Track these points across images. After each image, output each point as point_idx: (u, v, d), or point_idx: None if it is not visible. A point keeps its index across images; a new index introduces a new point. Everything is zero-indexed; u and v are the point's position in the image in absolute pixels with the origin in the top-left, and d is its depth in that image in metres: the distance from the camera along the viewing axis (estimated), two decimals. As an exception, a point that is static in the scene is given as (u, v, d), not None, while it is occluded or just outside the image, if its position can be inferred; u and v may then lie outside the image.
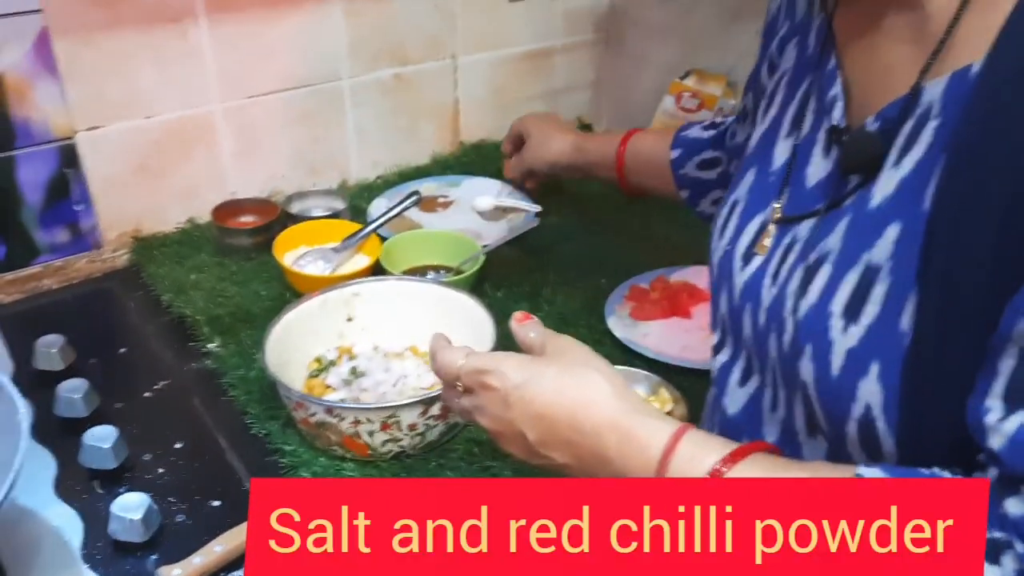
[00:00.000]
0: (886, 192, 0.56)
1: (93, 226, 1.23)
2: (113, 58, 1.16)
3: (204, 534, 0.79)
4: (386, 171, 1.48)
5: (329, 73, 1.35)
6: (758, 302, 0.66)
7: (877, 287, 0.55)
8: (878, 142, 0.58)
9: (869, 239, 0.56)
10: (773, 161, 0.70)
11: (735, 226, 0.71)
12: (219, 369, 1.02)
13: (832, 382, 0.56)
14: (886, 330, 0.53)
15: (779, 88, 0.74)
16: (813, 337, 0.58)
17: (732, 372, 0.71)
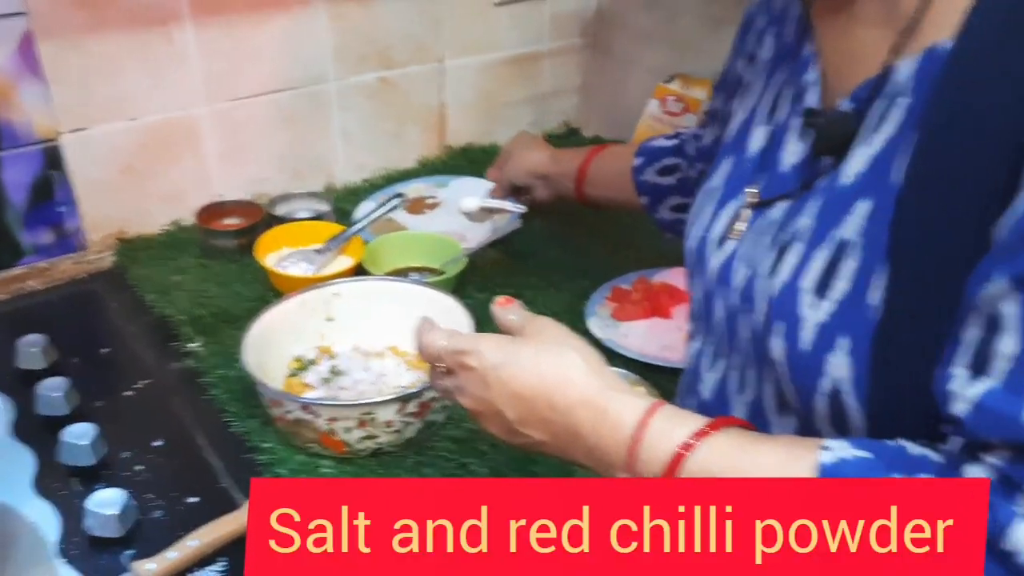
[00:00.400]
0: (857, 170, 0.58)
1: (77, 228, 1.24)
2: (98, 60, 1.17)
3: (180, 530, 0.80)
4: (372, 174, 1.48)
5: (315, 76, 1.35)
6: (730, 285, 0.67)
7: (847, 263, 0.56)
8: (851, 122, 0.59)
9: (839, 216, 0.57)
10: (748, 148, 0.71)
11: (710, 212, 0.72)
12: (200, 368, 1.03)
13: (802, 357, 0.57)
14: (855, 305, 0.54)
15: (757, 78, 0.75)
16: (784, 314, 0.59)
17: (703, 358, 0.72)
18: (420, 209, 1.35)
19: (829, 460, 0.52)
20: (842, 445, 0.53)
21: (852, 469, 0.52)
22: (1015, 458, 0.47)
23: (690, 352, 0.76)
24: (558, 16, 1.58)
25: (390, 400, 0.84)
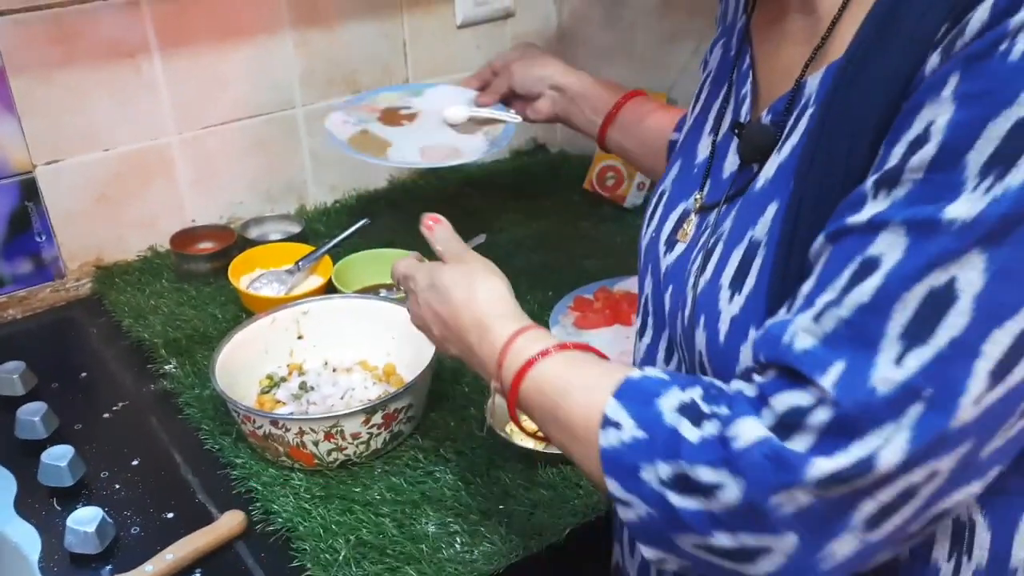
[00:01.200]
0: (768, 175, 0.63)
1: (55, 257, 1.27)
2: (69, 93, 1.21)
3: (157, 545, 0.83)
4: (344, 195, 1.52)
5: (283, 102, 1.39)
6: (680, 284, 0.71)
7: (756, 260, 0.61)
8: (770, 133, 0.64)
9: (753, 218, 0.62)
10: (697, 155, 0.76)
11: (660, 215, 0.78)
12: (175, 389, 1.06)
13: (720, 348, 0.62)
14: (760, 297, 0.60)
15: (705, 87, 0.80)
16: (707, 309, 0.64)
17: (658, 352, 0.76)
18: (397, 120, 1.22)
19: (635, 375, 0.61)
20: (655, 370, 0.62)
21: (645, 383, 0.60)
22: (775, 376, 0.53)
23: (639, 346, 0.80)
24: (520, 36, 1.62)
25: (355, 412, 0.88)
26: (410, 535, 0.84)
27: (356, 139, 1.15)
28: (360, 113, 1.16)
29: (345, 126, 1.16)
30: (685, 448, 0.54)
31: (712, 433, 0.54)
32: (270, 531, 0.86)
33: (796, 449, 0.50)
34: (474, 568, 0.81)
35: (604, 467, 0.58)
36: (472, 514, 0.86)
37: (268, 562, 0.83)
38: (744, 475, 0.51)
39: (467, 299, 0.74)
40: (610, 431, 0.58)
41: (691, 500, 0.54)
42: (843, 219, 0.52)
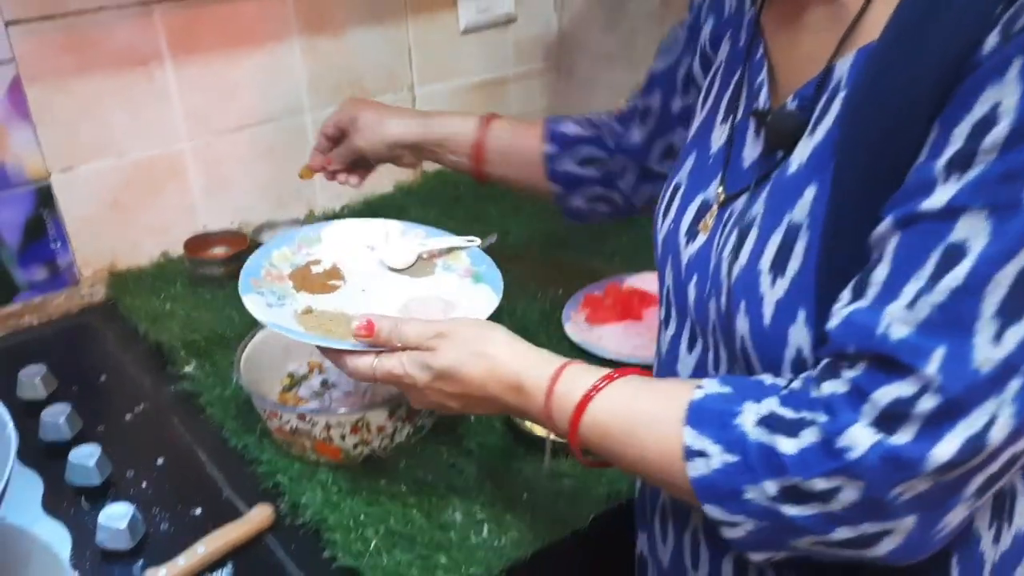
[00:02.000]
0: (802, 159, 0.64)
1: (70, 263, 1.28)
2: (83, 102, 1.22)
3: (187, 538, 0.84)
4: (351, 201, 1.54)
5: (291, 108, 1.41)
6: (705, 273, 0.72)
7: (798, 243, 0.61)
8: (795, 118, 0.65)
9: (791, 201, 0.63)
10: (711, 145, 0.77)
11: (678, 207, 0.78)
12: (196, 390, 1.07)
13: (765, 332, 0.63)
14: (808, 279, 0.61)
15: (715, 79, 0.81)
16: (746, 294, 0.65)
17: (681, 341, 0.77)
18: (322, 286, 0.91)
19: (697, 397, 0.62)
20: (712, 383, 0.63)
21: (712, 403, 0.61)
22: (868, 368, 0.54)
23: (664, 337, 0.80)
24: (522, 41, 1.65)
25: (381, 405, 0.89)
26: (438, 524, 0.85)
27: (308, 322, 0.84)
28: (271, 286, 0.88)
29: (274, 311, 0.85)
30: (790, 463, 0.55)
31: (812, 441, 0.55)
32: (299, 524, 0.87)
33: (908, 442, 0.52)
34: (503, 554, 0.82)
35: (700, 496, 0.60)
36: (497, 503, 0.88)
37: (299, 553, 0.85)
38: (863, 478, 0.53)
39: (488, 370, 0.72)
40: (697, 461, 0.59)
41: (807, 507, 0.56)
42: (912, 204, 0.53)
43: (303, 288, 0.90)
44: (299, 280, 0.91)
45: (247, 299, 0.85)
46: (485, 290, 0.90)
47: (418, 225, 1.01)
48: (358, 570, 0.81)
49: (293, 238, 0.97)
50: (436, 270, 0.95)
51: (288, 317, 0.84)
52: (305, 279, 0.91)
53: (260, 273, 0.90)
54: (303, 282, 0.91)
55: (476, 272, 0.93)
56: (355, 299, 0.89)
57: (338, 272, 0.94)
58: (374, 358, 0.77)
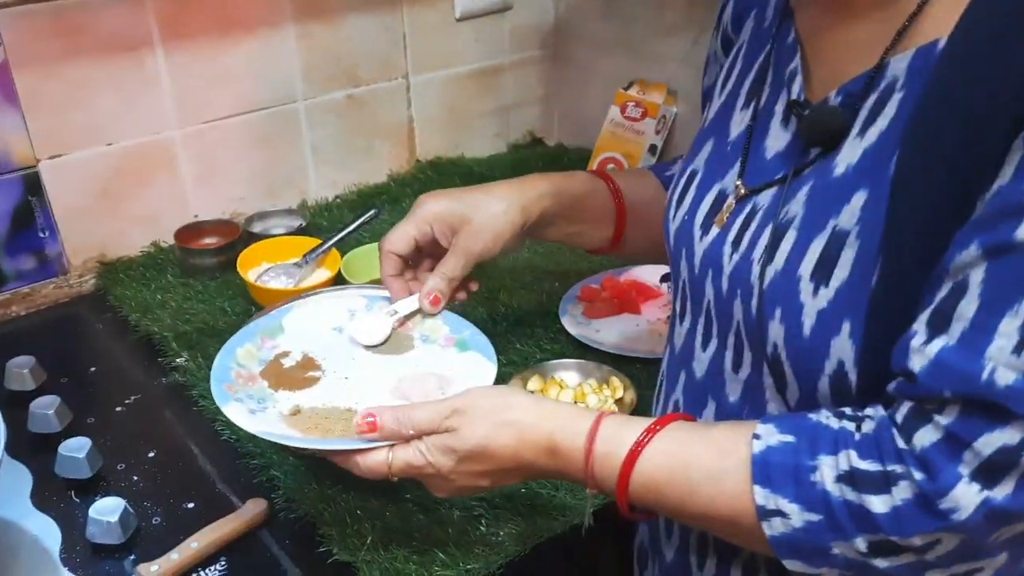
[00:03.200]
0: (850, 161, 0.60)
1: (59, 253, 1.26)
2: (73, 88, 1.20)
3: (180, 534, 0.83)
4: (344, 190, 1.52)
5: (284, 96, 1.39)
6: (719, 269, 0.69)
7: (846, 252, 0.58)
8: (840, 115, 0.61)
9: (836, 206, 0.59)
10: (730, 132, 0.73)
11: (693, 196, 0.74)
12: (188, 382, 1.06)
13: (804, 342, 0.60)
14: (857, 291, 0.57)
15: (736, 61, 0.77)
16: (782, 301, 0.61)
17: (696, 337, 0.74)
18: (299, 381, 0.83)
19: (758, 450, 0.58)
20: (769, 430, 0.59)
21: (778, 456, 0.58)
22: (963, 413, 0.51)
23: (678, 331, 0.77)
24: (518, 29, 1.63)
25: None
26: (436, 519, 0.84)
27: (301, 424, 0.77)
28: (246, 389, 0.81)
29: (259, 417, 0.77)
30: (883, 521, 0.53)
31: (906, 498, 0.53)
32: (293, 518, 0.86)
33: (1012, 494, 0.50)
34: (501, 549, 0.81)
35: (780, 553, 0.58)
36: (495, 497, 0.86)
37: (293, 548, 0.83)
38: (965, 533, 0.52)
39: (518, 438, 0.67)
40: (774, 521, 0.57)
41: (900, 558, 0.54)
42: (1002, 231, 0.50)
43: (280, 386, 0.82)
44: (273, 378, 0.83)
45: (227, 410, 0.76)
46: (475, 357, 0.83)
47: (379, 293, 0.91)
48: (354, 565, 0.80)
49: (253, 333, 0.87)
50: (415, 343, 0.87)
51: (276, 421, 0.76)
52: (279, 376, 0.83)
53: (231, 376, 0.81)
54: (278, 380, 0.83)
55: (459, 339, 0.86)
56: (340, 389, 0.82)
57: (312, 362, 0.85)
58: (388, 453, 0.69)
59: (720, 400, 0.71)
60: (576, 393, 1.00)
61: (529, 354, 1.09)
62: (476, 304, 1.18)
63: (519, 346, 1.10)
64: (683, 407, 0.76)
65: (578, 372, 1.04)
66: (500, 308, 1.18)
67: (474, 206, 0.87)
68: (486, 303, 1.19)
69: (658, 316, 1.18)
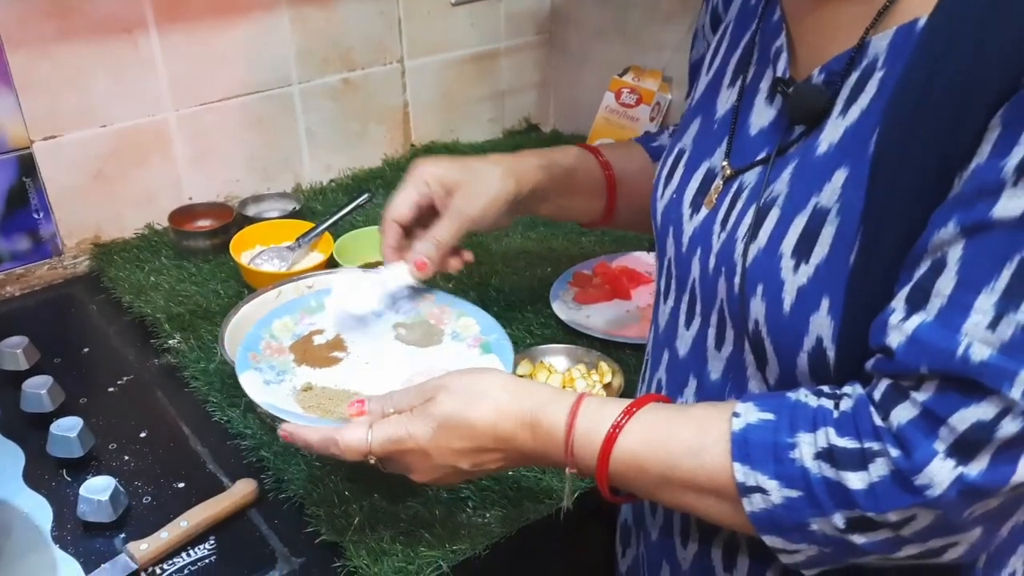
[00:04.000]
0: (832, 140, 0.60)
1: (53, 234, 1.27)
2: (67, 69, 1.20)
3: (170, 513, 0.84)
4: (339, 174, 1.53)
5: (279, 79, 1.39)
6: (708, 248, 0.70)
7: (826, 228, 0.58)
8: (823, 93, 0.61)
9: (817, 184, 0.60)
10: (717, 109, 0.74)
11: (681, 175, 0.75)
12: (180, 363, 1.06)
13: (784, 318, 0.60)
14: (835, 267, 0.58)
15: (724, 39, 0.77)
16: (764, 278, 0.62)
17: (680, 316, 0.75)
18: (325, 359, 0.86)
19: (738, 428, 0.59)
20: (748, 408, 0.60)
21: (758, 434, 0.58)
22: (939, 389, 0.52)
23: (662, 310, 0.78)
24: (514, 14, 1.63)
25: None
26: (423, 501, 0.85)
27: (307, 400, 0.79)
28: (270, 360, 0.83)
29: (271, 389, 0.79)
30: (861, 498, 0.54)
31: (883, 475, 0.53)
32: (282, 499, 0.87)
33: (987, 470, 0.51)
34: (487, 531, 0.82)
35: (759, 529, 0.58)
36: (482, 481, 0.87)
37: (282, 528, 0.84)
38: (940, 508, 0.52)
39: (496, 411, 0.67)
40: (754, 497, 0.58)
41: (876, 534, 0.55)
42: (979, 209, 0.51)
43: (304, 361, 0.84)
44: (300, 352, 0.85)
45: (243, 377, 0.78)
46: (493, 361, 0.84)
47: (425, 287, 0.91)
48: (341, 545, 0.81)
49: (295, 307, 0.90)
50: (444, 339, 0.88)
51: (286, 394, 0.79)
52: (307, 351, 0.86)
53: (259, 346, 0.84)
54: (304, 355, 0.85)
55: (486, 342, 0.86)
56: (357, 373, 0.84)
57: (341, 343, 0.87)
58: (367, 431, 0.69)
59: (702, 378, 0.72)
60: (564, 378, 1.01)
61: (519, 339, 1.10)
62: (468, 288, 1.19)
63: (510, 331, 1.09)
64: (666, 385, 0.77)
65: (567, 357, 1.05)
66: (492, 293, 1.19)
67: (471, 170, 0.87)
68: (477, 288, 1.20)
69: (648, 302, 1.19)
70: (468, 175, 0.87)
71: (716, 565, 0.72)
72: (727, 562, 0.71)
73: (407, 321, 0.89)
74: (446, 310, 0.90)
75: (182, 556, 0.81)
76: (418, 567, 0.78)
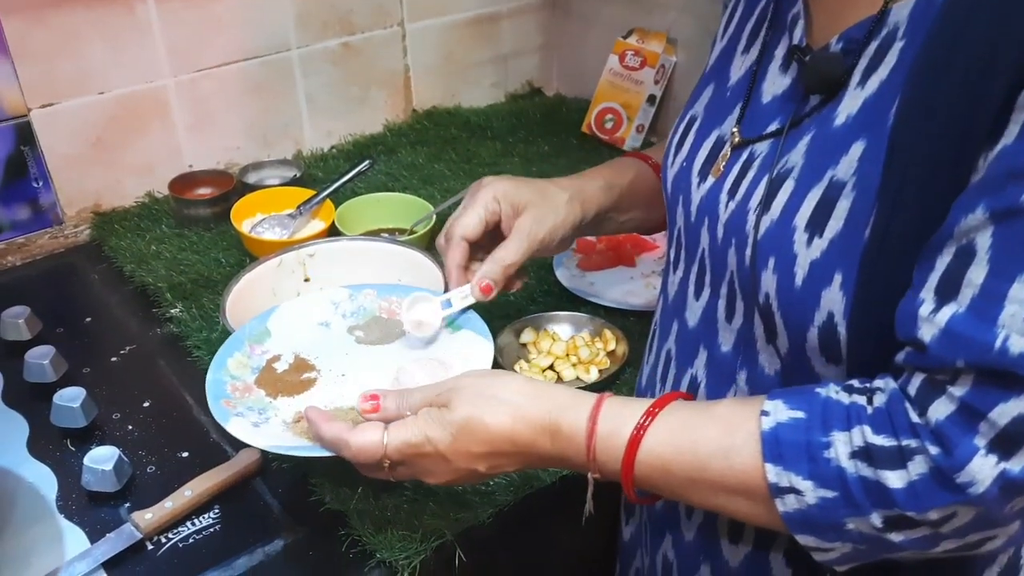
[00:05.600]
0: (850, 111, 0.59)
1: (53, 203, 1.26)
2: (63, 35, 1.18)
3: (174, 483, 0.84)
4: (340, 140, 1.51)
5: (278, 44, 1.37)
6: (715, 217, 0.68)
7: (841, 202, 0.57)
8: (841, 62, 0.60)
9: (834, 156, 0.58)
10: (730, 77, 0.73)
11: (692, 143, 0.73)
12: (182, 333, 1.06)
13: (795, 292, 0.59)
14: (850, 242, 0.56)
15: (739, 4, 0.76)
16: (776, 250, 0.60)
17: (689, 286, 0.74)
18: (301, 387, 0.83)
19: (768, 427, 0.57)
20: (777, 406, 0.58)
21: (790, 433, 0.57)
22: (977, 383, 0.50)
23: (671, 280, 0.77)
24: (516, -23, 1.60)
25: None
26: (426, 469, 0.85)
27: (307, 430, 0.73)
28: (244, 401, 0.79)
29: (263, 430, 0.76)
30: (900, 497, 0.53)
31: (922, 472, 0.52)
32: (286, 469, 0.87)
33: None
34: (492, 500, 0.82)
35: (793, 529, 0.57)
36: (486, 449, 0.87)
37: (286, 497, 0.85)
38: (982, 505, 0.51)
39: (513, 415, 0.64)
40: (787, 498, 0.56)
41: (915, 532, 0.54)
42: (1009, 194, 0.49)
43: (279, 392, 0.81)
44: (269, 385, 0.82)
45: (230, 427, 0.74)
46: (468, 336, 0.80)
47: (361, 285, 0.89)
48: (345, 515, 0.81)
49: (240, 341, 0.85)
50: (404, 327, 0.84)
51: (280, 431, 0.75)
52: (275, 382, 0.82)
53: (226, 391, 0.79)
54: (275, 386, 0.82)
55: (450, 321, 0.84)
56: (340, 388, 0.81)
57: (305, 363, 0.85)
58: (383, 433, 0.66)
59: (712, 350, 0.71)
60: (568, 346, 1.00)
61: (522, 306, 1.09)
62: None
63: (512, 298, 1.10)
64: (675, 356, 0.76)
65: (571, 325, 1.05)
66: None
67: (539, 192, 0.85)
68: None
69: (653, 269, 1.18)
70: (537, 197, 0.85)
71: (720, 528, 0.72)
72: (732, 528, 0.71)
73: (358, 323, 0.87)
74: (392, 300, 0.88)
75: (187, 525, 0.82)
76: (422, 536, 0.78)
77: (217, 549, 0.80)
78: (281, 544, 0.81)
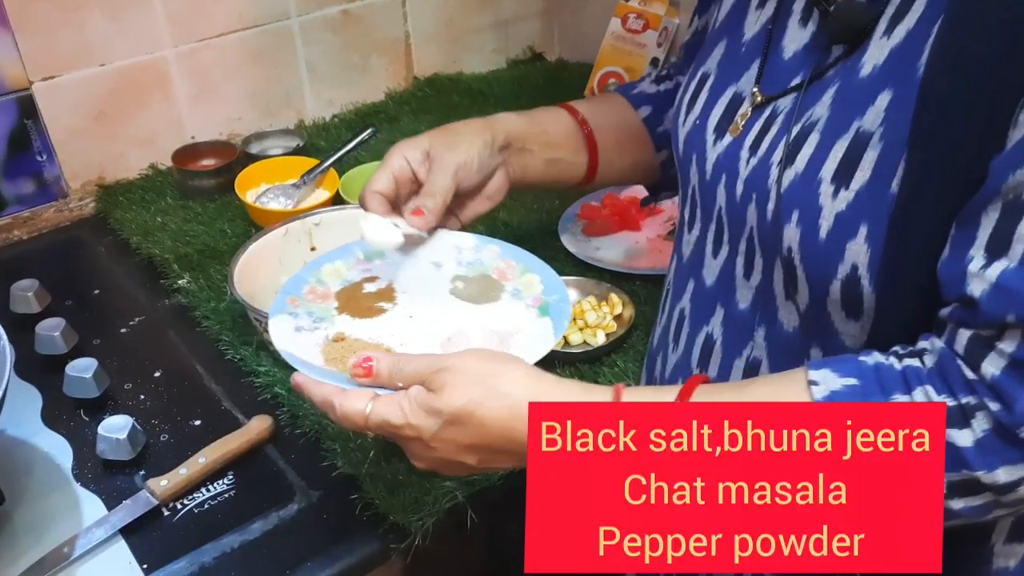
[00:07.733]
0: (877, 61, 0.58)
1: (57, 176, 1.26)
2: (63, 7, 1.18)
3: (187, 450, 0.85)
4: (342, 109, 1.50)
5: (278, 12, 1.36)
6: (735, 174, 0.67)
7: (868, 153, 0.56)
8: (867, 10, 0.59)
9: (860, 107, 0.58)
10: (744, 32, 0.71)
11: (705, 100, 0.72)
12: (191, 303, 1.07)
13: (819, 245, 0.59)
14: (876, 193, 0.56)
15: None
16: (800, 203, 0.60)
17: (706, 245, 0.73)
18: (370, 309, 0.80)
19: (821, 395, 0.55)
20: (825, 375, 0.56)
21: (847, 400, 0.55)
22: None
23: (687, 239, 0.76)
24: (515, -60, 1.59)
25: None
26: (436, 433, 0.86)
27: (333, 352, 0.74)
28: (310, 305, 0.78)
29: (301, 336, 0.75)
30: (971, 456, 0.51)
31: (986, 428, 0.51)
32: (298, 434, 0.88)
33: None
34: (501, 462, 0.83)
35: None
36: (495, 412, 0.88)
37: (298, 463, 0.86)
38: None
39: (511, 410, 0.60)
40: None
41: (978, 499, 0.53)
42: None
43: (346, 310, 0.79)
44: (345, 300, 0.80)
45: (272, 321, 0.74)
46: (547, 325, 0.76)
47: (492, 240, 0.85)
48: (357, 478, 0.82)
49: (351, 251, 0.84)
50: (504, 296, 0.81)
51: (314, 344, 0.74)
52: (352, 299, 0.80)
53: (302, 291, 0.79)
54: (348, 303, 0.79)
55: (545, 303, 0.79)
56: (397, 326, 0.78)
57: (391, 293, 0.81)
58: (369, 402, 0.64)
59: (729, 307, 0.70)
60: (575, 310, 1.01)
61: (528, 272, 1.09)
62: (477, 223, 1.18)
63: (518, 264, 1.10)
64: (689, 315, 0.75)
65: (577, 290, 1.05)
66: (500, 227, 1.18)
67: (442, 129, 0.85)
68: (486, 220, 1.18)
69: (658, 232, 1.18)
70: (439, 134, 0.84)
71: None
72: None
73: (467, 274, 0.83)
74: (511, 264, 0.85)
75: (201, 491, 0.83)
76: (434, 498, 0.79)
77: (233, 514, 0.81)
78: (295, 508, 0.82)
